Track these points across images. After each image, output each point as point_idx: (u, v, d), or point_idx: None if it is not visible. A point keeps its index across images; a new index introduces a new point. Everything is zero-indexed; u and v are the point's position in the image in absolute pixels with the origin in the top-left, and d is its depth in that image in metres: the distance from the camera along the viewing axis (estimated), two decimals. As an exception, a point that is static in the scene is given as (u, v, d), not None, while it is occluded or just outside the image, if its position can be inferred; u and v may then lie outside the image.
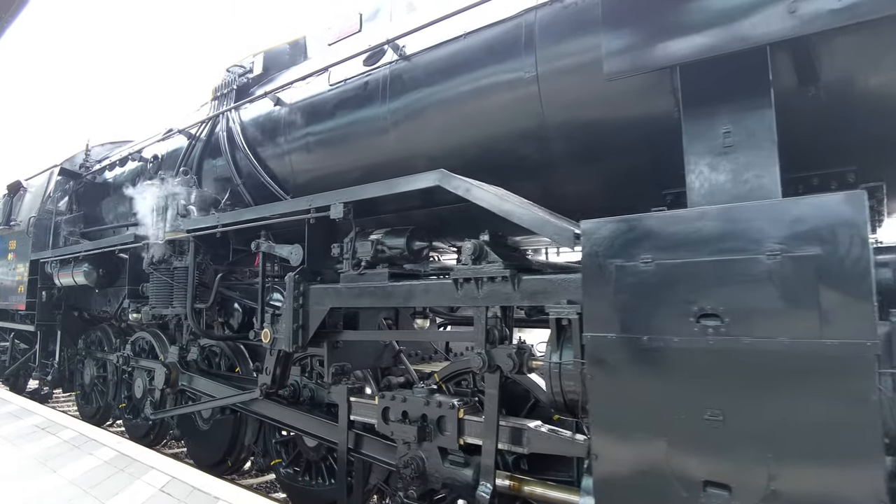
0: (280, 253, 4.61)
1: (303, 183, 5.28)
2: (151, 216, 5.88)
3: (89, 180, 8.86)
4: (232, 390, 5.33)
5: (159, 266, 5.68)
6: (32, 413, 6.36)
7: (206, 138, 6.37)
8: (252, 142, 5.72)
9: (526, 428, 3.23)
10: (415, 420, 3.69)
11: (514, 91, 3.75)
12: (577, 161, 3.72)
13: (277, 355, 4.47)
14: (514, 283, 2.99)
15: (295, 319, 4.09)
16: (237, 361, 6.02)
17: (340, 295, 3.90)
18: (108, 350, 8.31)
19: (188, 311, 5.41)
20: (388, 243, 3.69)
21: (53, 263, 8.09)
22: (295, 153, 5.27)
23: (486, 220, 4.43)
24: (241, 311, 5.94)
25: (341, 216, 3.77)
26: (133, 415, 7.68)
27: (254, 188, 5.78)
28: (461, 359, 4.21)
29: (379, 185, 3.61)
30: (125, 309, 7.51)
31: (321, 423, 4.48)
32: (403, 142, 4.37)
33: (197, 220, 5.35)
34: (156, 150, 7.32)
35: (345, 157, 4.85)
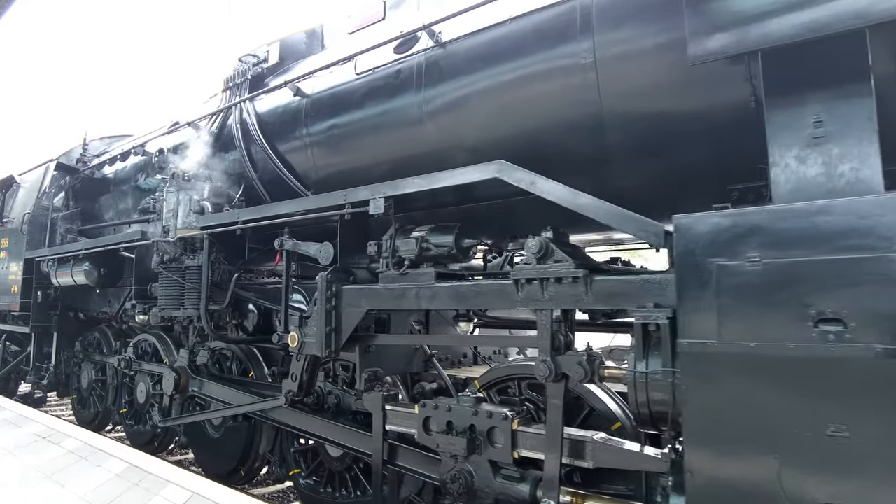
0: (307, 251, 4.33)
1: (325, 177, 5.00)
2: (161, 212, 5.56)
3: (87, 175, 8.49)
4: (249, 397, 5.03)
5: (170, 265, 5.37)
6: (31, 420, 6.01)
7: (218, 131, 6.06)
8: (269, 134, 5.43)
9: (591, 440, 2.99)
10: (461, 431, 3.43)
11: (567, 78, 3.51)
12: (634, 154, 3.49)
13: (305, 360, 4.19)
14: (587, 284, 2.74)
15: (328, 322, 3.81)
16: (251, 366, 5.72)
17: (380, 296, 3.63)
18: (107, 353, 7.95)
19: (202, 312, 5.11)
20: (433, 241, 3.43)
21: (50, 262, 7.72)
22: (318, 146, 4.99)
23: (524, 217, 4.23)
24: (256, 312, 5.66)
25: (382, 211, 3.50)
26: (135, 421, 7.33)
27: (270, 183, 5.49)
28: (504, 364, 3.96)
29: (426, 178, 3.35)
30: (128, 310, 7.19)
31: (352, 432, 4.21)
32: (441, 133, 4.11)
33: (213, 216, 5.05)
34: (161, 143, 6.97)
35: (374, 149, 4.58)
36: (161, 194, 5.70)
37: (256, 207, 4.62)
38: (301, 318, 4.08)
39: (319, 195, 4.01)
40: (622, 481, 3.26)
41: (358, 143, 4.69)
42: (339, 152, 4.85)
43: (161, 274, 5.50)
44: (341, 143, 4.80)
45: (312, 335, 3.97)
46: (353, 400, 4.50)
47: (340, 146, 4.81)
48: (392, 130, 4.42)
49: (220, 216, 4.96)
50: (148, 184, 7.09)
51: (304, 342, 4.06)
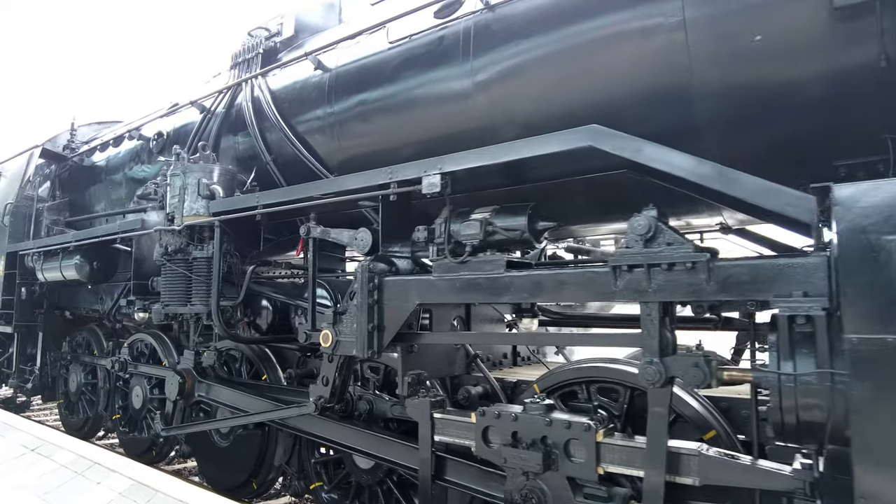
0: (338, 239, 3.84)
1: (351, 158, 4.52)
2: (164, 199, 5.02)
3: (76, 163, 7.88)
4: (265, 403, 4.52)
5: (174, 257, 4.83)
6: (16, 429, 5.43)
7: (226, 110, 5.53)
8: (285, 113, 4.93)
9: (698, 453, 2.56)
10: (531, 443, 2.97)
11: (649, 41, 3.08)
12: (727, 127, 3.07)
13: (339, 362, 3.70)
14: (709, 270, 2.30)
15: (370, 318, 3.33)
16: (263, 368, 5.20)
17: (434, 289, 3.15)
18: (98, 354, 7.35)
19: (213, 309, 4.58)
20: (500, 224, 2.97)
21: (36, 256, 7.10)
22: (343, 124, 4.50)
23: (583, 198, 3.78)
24: (270, 309, 5.15)
25: (437, 190, 3.03)
26: (129, 427, 6.75)
27: (286, 166, 4.99)
28: (570, 365, 3.51)
29: (495, 150, 2.88)
30: (123, 307, 6.63)
31: (390, 443, 3.73)
32: (493, 106, 3.66)
33: (227, 200, 4.53)
34: (159, 126, 6.42)
35: (409, 126, 4.12)
36: (163, 179, 5.16)
37: (281, 190, 4.12)
38: (335, 315, 3.59)
39: (360, 173, 3.52)
40: (718, 499, 2.84)
41: (391, 119, 4.21)
42: (368, 131, 4.37)
43: (164, 267, 4.96)
44: (371, 120, 4.32)
45: (350, 333, 3.48)
46: (389, 406, 4.02)
47: (370, 124, 4.33)
48: (432, 105, 3.96)
49: (236, 201, 4.45)
50: (144, 170, 6.53)
51: (338, 341, 3.57)
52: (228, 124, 5.50)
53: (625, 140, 2.52)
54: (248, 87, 5.33)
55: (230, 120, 5.50)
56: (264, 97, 5.08)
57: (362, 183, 3.50)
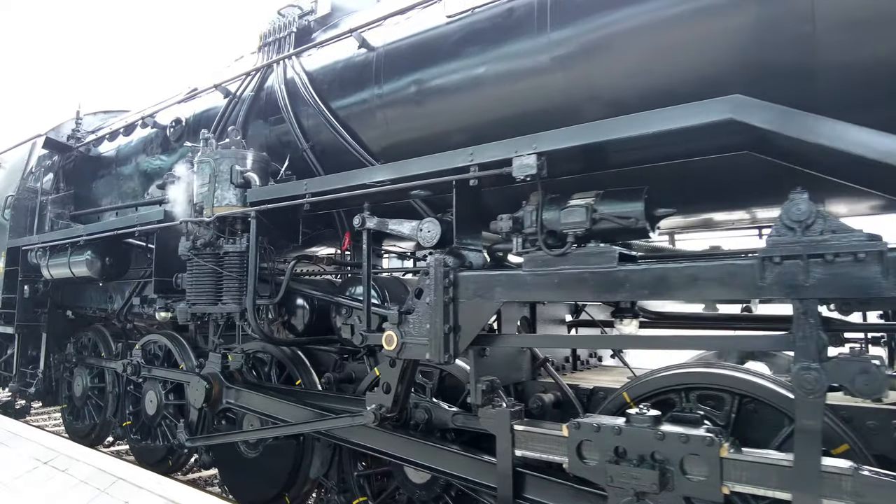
0: (397, 231, 3.47)
1: (401, 144, 4.15)
2: (191, 188, 4.62)
3: (81, 153, 7.42)
4: (303, 410, 4.12)
5: (203, 251, 4.42)
6: (23, 439, 4.99)
7: (254, 94, 5.14)
8: (324, 96, 4.54)
9: (852, 473, 2.21)
10: (640, 460, 2.62)
11: (763, 6, 2.74)
12: (852, 107, 2.73)
13: (403, 367, 3.32)
14: (883, 262, 1.96)
15: (446, 318, 2.96)
16: (297, 372, 4.81)
17: (524, 285, 2.79)
18: (107, 356, 6.90)
19: (248, 308, 4.19)
20: (609, 211, 2.60)
21: (40, 252, 6.65)
22: (393, 107, 4.13)
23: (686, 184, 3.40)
24: (307, 308, 4.76)
25: (533, 172, 2.66)
26: (142, 435, 6.33)
27: (325, 154, 4.61)
28: (663, 371, 3.16)
29: (610, 125, 2.51)
30: (135, 306, 6.20)
31: (459, 457, 3.35)
32: (574, 83, 3.31)
33: (268, 189, 4.14)
34: (177, 113, 6.00)
35: (473, 108, 3.76)
36: (188, 166, 4.75)
37: (335, 176, 3.72)
38: (400, 314, 3.21)
39: (431, 156, 3.14)
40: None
41: (449, 101, 3.85)
42: (422, 114, 4.00)
43: (190, 262, 4.55)
44: (427, 102, 3.95)
45: (419, 335, 3.11)
46: (451, 416, 3.65)
47: (425, 106, 3.96)
48: (500, 84, 3.60)
49: (279, 188, 4.05)
50: (160, 160, 6.11)
51: (404, 344, 3.19)
52: (257, 109, 5.10)
53: (784, 114, 2.16)
54: (281, 69, 4.95)
55: (259, 104, 5.11)
56: (300, 79, 4.69)
57: (434, 167, 3.12)
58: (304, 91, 4.61)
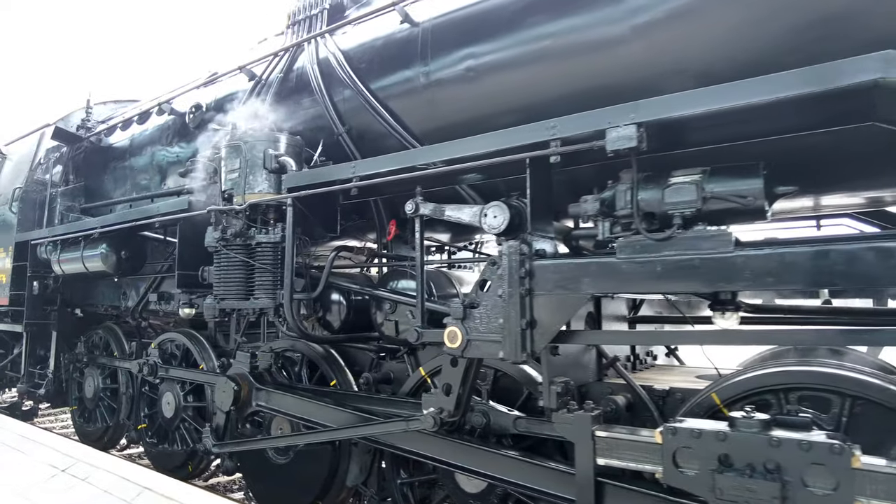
0: (456, 217, 3.15)
1: (450, 125, 3.82)
2: (218, 175, 4.30)
3: (92, 144, 7.08)
4: (349, 415, 3.81)
5: (233, 242, 4.10)
6: (37, 444, 4.66)
7: (283, 76, 4.81)
8: (362, 76, 4.22)
9: None
10: (750, 469, 2.32)
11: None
12: None
13: (467, 367, 3.01)
14: None
15: (523, 313, 2.65)
16: (333, 372, 4.49)
17: (619, 274, 2.47)
18: (119, 356, 6.57)
19: (286, 303, 3.87)
20: (720, 189, 2.29)
21: (51, 246, 6.32)
22: (441, 86, 3.81)
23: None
24: (343, 303, 4.44)
25: (633, 145, 2.35)
26: (158, 438, 6.01)
27: (363, 138, 4.29)
28: (759, 370, 2.85)
29: (735, 88, 2.19)
30: (152, 303, 5.89)
31: (529, 467, 3.03)
32: (656, 54, 2.98)
33: (308, 173, 3.82)
34: (196, 98, 5.67)
35: (535, 84, 3.44)
36: (215, 152, 4.43)
37: (387, 157, 3.39)
38: (464, 309, 2.90)
39: (504, 131, 2.82)
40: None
41: (507, 77, 3.54)
42: (475, 92, 3.68)
43: (218, 254, 4.23)
44: (480, 79, 3.63)
45: (489, 331, 2.80)
46: (512, 420, 3.33)
47: (479, 84, 3.65)
48: (568, 56, 3.28)
49: (322, 172, 3.73)
50: (179, 148, 5.78)
51: (469, 341, 2.88)
52: (286, 92, 4.78)
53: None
54: (312, 48, 4.62)
55: (288, 87, 4.78)
56: (335, 58, 4.37)
57: (505, 143, 2.81)
58: (341, 71, 4.29)
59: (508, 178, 3.31)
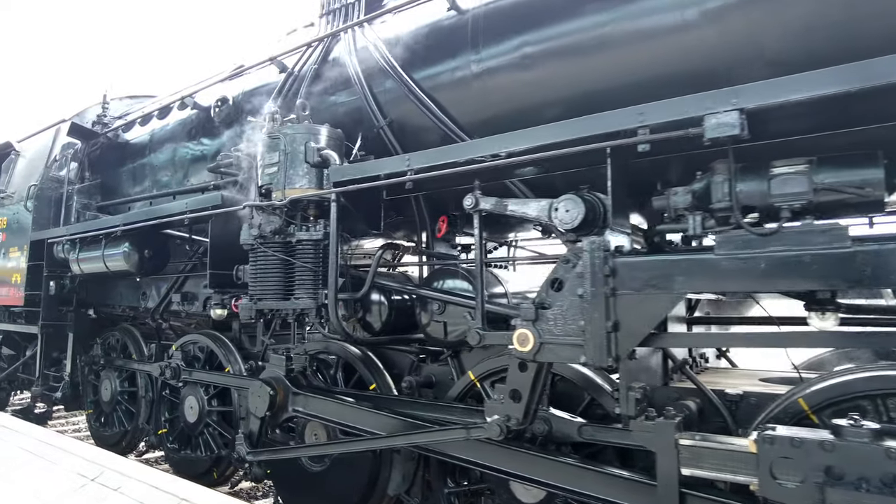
0: (521, 212, 2.97)
1: (499, 116, 3.64)
2: (254, 169, 4.11)
3: (109, 140, 6.89)
4: (399, 422, 3.62)
5: (271, 240, 3.92)
6: (62, 451, 4.45)
7: (317, 67, 4.63)
8: (405, 66, 4.04)
9: None
10: (862, 483, 2.14)
11: None
12: None
13: (538, 372, 2.82)
14: None
15: (608, 314, 2.46)
16: (372, 375, 4.30)
17: (718, 272, 2.29)
18: (138, 358, 6.38)
19: (330, 304, 3.68)
20: (832, 179, 2.11)
21: (68, 245, 6.12)
22: (494, 75, 3.63)
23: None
24: (385, 303, 4.26)
25: (735, 132, 2.17)
26: (180, 444, 5.82)
27: (405, 131, 4.11)
28: (851, 374, 2.67)
29: (862, 68, 2.01)
30: (174, 302, 5.70)
31: (608, 478, 2.85)
32: (731, 39, 2.80)
33: (356, 167, 3.63)
34: (221, 91, 5.48)
35: (596, 71, 3.26)
36: (249, 145, 4.25)
37: (448, 148, 3.20)
38: (536, 310, 2.72)
39: (586, 118, 2.64)
40: None
41: (567, 65, 3.35)
42: (530, 81, 3.50)
43: (255, 253, 4.04)
44: (536, 67, 3.45)
45: (567, 334, 2.62)
46: (577, 428, 3.15)
47: (534, 72, 3.47)
48: (632, 43, 3.10)
49: (372, 165, 3.54)
50: (203, 143, 5.59)
51: (543, 344, 2.70)
52: (321, 83, 4.59)
53: None
54: (349, 38, 4.45)
55: (323, 78, 4.59)
56: (376, 48, 4.19)
57: (587, 131, 2.62)
58: (382, 61, 4.11)
59: (567, 171, 3.15)
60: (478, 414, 3.50)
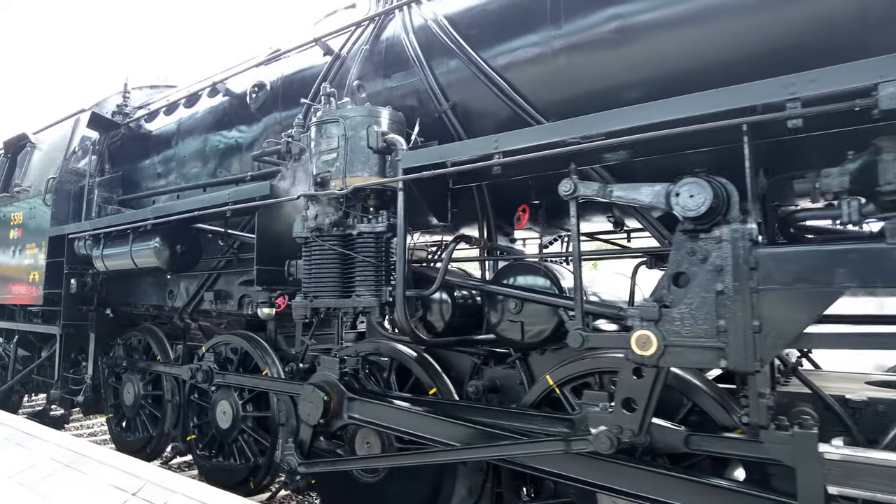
0: (631, 198, 2.66)
1: (583, 97, 3.34)
2: (306, 156, 3.79)
3: (131, 130, 6.55)
4: (468, 430, 3.31)
5: (328, 232, 3.59)
6: (95, 461, 4.10)
7: (369, 48, 4.31)
8: (473, 44, 3.73)
9: None
10: None
11: None
12: None
13: (656, 378, 2.51)
14: None
15: (754, 313, 2.15)
16: (431, 379, 3.98)
17: (892, 264, 1.98)
18: (163, 360, 6.05)
19: (398, 301, 3.36)
20: None
21: (91, 241, 5.79)
22: (580, 51, 3.32)
23: None
24: (449, 301, 3.94)
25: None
26: (210, 451, 5.49)
27: (471, 114, 3.81)
28: None
29: None
30: (206, 300, 5.37)
31: (732, 494, 2.54)
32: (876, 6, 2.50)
33: (431, 151, 3.31)
34: (257, 77, 5.16)
35: (704, 44, 2.95)
36: (300, 130, 3.93)
37: (548, 126, 2.88)
38: (659, 309, 2.40)
39: (728, 89, 2.31)
40: None
41: (667, 38, 3.05)
42: (623, 57, 3.19)
43: (308, 247, 3.72)
44: (632, 42, 3.14)
45: (697, 335, 2.31)
46: (682, 438, 2.83)
47: (630, 47, 3.16)
48: (749, 12, 2.79)
49: (453, 149, 3.21)
50: (240, 131, 5.27)
51: (667, 347, 2.38)
52: (373, 65, 4.28)
53: None
54: (405, 15, 4.13)
55: (375, 59, 4.28)
56: (438, 25, 3.87)
57: (723, 105, 2.30)
58: (446, 39, 3.79)
59: (654, 156, 2.84)
60: (560, 423, 3.21)
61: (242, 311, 5.19)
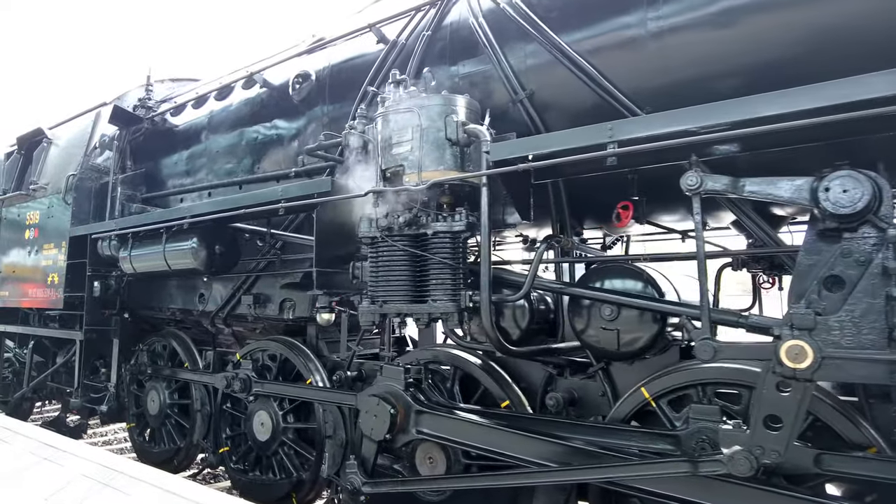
0: (768, 194, 2.39)
1: (681, 84, 3.08)
2: (375, 148, 3.49)
3: (155, 124, 6.22)
4: (559, 447, 3.02)
5: (400, 232, 3.30)
6: (131, 478, 3.77)
7: (431, 34, 4.02)
8: (554, 28, 3.45)
9: None
10: None
11: None
12: None
13: (805, 393, 2.24)
14: None
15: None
16: (504, 390, 3.70)
17: None
18: (191, 367, 5.72)
19: (484, 306, 3.07)
20: None
21: (116, 241, 5.45)
22: (680, 33, 3.05)
23: None
24: (526, 307, 3.66)
25: None
26: (245, 465, 5.18)
27: (549, 104, 3.54)
28: None
29: None
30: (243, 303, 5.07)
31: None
32: None
33: (535, 140, 3.02)
34: (300, 66, 4.85)
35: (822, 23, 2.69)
36: (365, 122, 3.63)
37: (675, 113, 2.58)
38: (815, 317, 2.13)
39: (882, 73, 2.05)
40: None
41: (779, 18, 2.78)
42: (729, 39, 2.92)
43: (375, 247, 3.43)
44: (740, 22, 2.87)
45: (864, 346, 2.04)
46: (812, 458, 2.56)
47: (737, 28, 2.89)
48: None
49: (555, 138, 2.91)
50: (280, 126, 4.96)
51: (825, 359, 2.11)
52: (437, 52, 3.99)
53: None
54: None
55: (439, 46, 4.00)
56: (514, 8, 3.59)
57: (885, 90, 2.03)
58: (523, 23, 3.52)
59: (783, 147, 2.58)
60: (663, 439, 2.94)
61: (283, 315, 4.88)
